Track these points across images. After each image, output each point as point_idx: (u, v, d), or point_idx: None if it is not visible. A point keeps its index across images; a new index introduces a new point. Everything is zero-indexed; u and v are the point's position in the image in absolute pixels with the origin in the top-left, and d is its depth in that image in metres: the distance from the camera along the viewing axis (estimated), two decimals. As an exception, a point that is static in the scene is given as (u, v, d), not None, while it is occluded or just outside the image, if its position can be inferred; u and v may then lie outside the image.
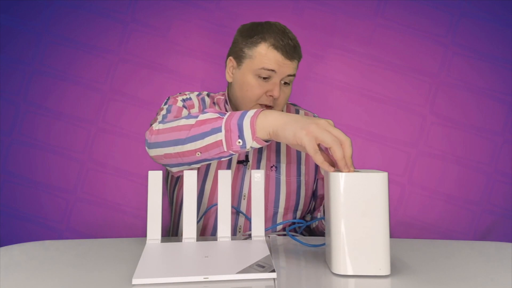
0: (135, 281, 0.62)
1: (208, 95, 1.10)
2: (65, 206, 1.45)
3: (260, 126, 0.73)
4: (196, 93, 1.09)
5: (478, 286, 0.62)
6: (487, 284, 0.63)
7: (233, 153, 0.77)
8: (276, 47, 0.95)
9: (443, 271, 0.68)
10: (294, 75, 0.99)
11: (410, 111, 1.50)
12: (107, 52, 1.49)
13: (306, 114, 1.13)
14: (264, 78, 0.96)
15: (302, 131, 0.67)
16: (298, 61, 1.00)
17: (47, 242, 0.87)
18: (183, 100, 1.03)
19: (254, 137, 0.74)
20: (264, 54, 0.95)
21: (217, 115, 0.78)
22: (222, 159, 0.81)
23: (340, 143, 0.67)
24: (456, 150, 1.48)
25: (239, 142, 0.74)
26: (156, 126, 0.85)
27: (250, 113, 0.75)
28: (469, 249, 0.82)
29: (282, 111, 1.13)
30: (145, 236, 0.81)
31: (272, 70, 0.95)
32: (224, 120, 0.76)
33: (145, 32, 1.50)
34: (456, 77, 1.50)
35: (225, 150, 0.76)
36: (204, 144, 0.77)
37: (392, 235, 0.76)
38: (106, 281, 0.65)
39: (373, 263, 0.64)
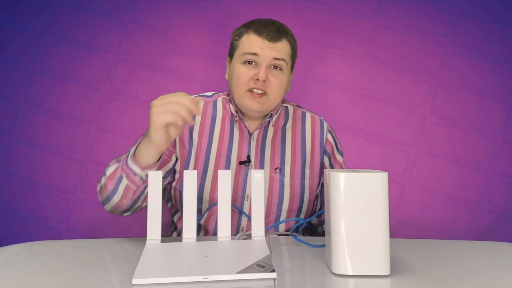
0: (135, 281, 0.62)
1: (220, 99, 1.11)
2: (65, 206, 1.45)
3: (139, 155, 0.85)
4: (210, 94, 1.11)
5: (478, 286, 0.62)
6: (487, 284, 0.63)
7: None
8: (258, 32, 0.99)
9: (443, 271, 0.68)
10: (283, 59, 0.99)
11: (410, 111, 1.50)
12: (107, 52, 1.49)
13: (312, 117, 1.12)
14: (250, 63, 0.99)
15: (152, 117, 0.78)
16: (289, 46, 1.02)
17: (47, 242, 0.87)
18: None
19: (142, 168, 0.85)
20: (247, 40, 0.99)
21: (116, 165, 0.90)
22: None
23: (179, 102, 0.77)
24: (456, 150, 1.48)
25: (138, 178, 0.86)
26: (100, 181, 0.94)
27: (132, 149, 0.88)
28: (469, 249, 0.82)
29: (286, 105, 1.13)
30: (145, 236, 0.81)
31: (255, 54, 0.97)
32: (120, 168, 0.87)
33: (145, 32, 1.50)
34: (456, 77, 1.50)
35: (135, 187, 0.87)
36: (122, 192, 0.88)
37: (392, 235, 0.76)
38: (106, 281, 0.65)
39: (373, 263, 0.64)
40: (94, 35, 1.49)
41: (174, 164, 1.06)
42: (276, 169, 1.04)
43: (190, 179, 0.83)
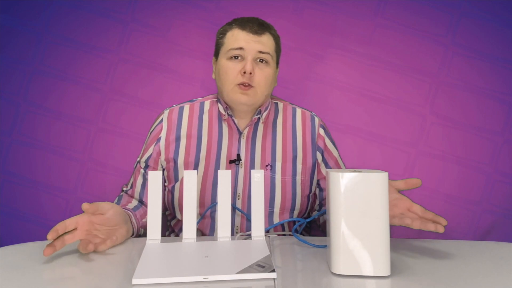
0: (135, 281, 0.62)
1: (203, 103, 1.10)
2: (65, 206, 1.45)
3: None
4: (188, 104, 1.10)
5: (478, 286, 0.62)
6: (487, 284, 0.63)
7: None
8: (241, 26, 1.00)
9: (443, 271, 0.68)
10: (268, 53, 1.00)
11: (410, 111, 1.50)
12: (107, 52, 1.49)
13: (303, 113, 1.12)
14: (236, 58, 1.00)
15: None
16: (273, 40, 1.03)
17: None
18: (148, 150, 1.08)
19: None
20: (231, 36, 1.01)
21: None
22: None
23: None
24: (456, 150, 1.48)
25: None
26: None
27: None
28: (469, 249, 0.82)
29: (276, 102, 1.12)
30: (145, 236, 0.81)
31: (240, 48, 0.99)
32: None
33: (145, 32, 1.50)
34: (456, 77, 1.50)
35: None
36: None
37: (392, 235, 0.76)
38: (106, 281, 0.65)
39: (373, 263, 0.64)
40: (94, 35, 1.49)
41: (163, 172, 1.08)
42: (267, 166, 1.04)
43: (190, 179, 0.83)
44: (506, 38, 1.49)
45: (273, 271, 0.64)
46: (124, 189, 1.10)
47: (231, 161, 1.03)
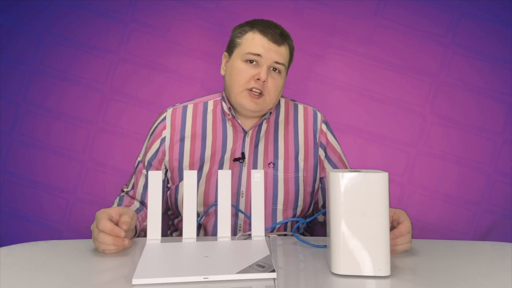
0: (135, 281, 0.62)
1: (206, 103, 1.10)
2: (65, 206, 1.45)
3: None
4: (191, 104, 1.09)
5: (478, 286, 0.62)
6: (487, 284, 0.63)
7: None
8: (262, 32, 0.99)
9: (443, 271, 0.68)
10: (283, 64, 1.00)
11: (410, 111, 1.50)
12: (107, 52, 1.49)
13: (305, 109, 1.12)
14: (251, 62, 0.99)
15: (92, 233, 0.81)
16: (289, 51, 1.03)
17: (47, 242, 0.87)
18: (149, 150, 1.08)
19: None
20: (251, 39, 1.00)
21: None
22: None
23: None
24: (456, 150, 1.48)
25: None
26: None
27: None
28: (469, 249, 0.82)
29: (279, 104, 1.13)
30: (145, 236, 0.81)
31: (258, 55, 0.98)
32: None
33: (145, 32, 1.50)
34: (456, 77, 1.50)
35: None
36: None
37: (392, 235, 0.76)
38: (106, 281, 0.65)
39: (373, 264, 0.64)
40: (94, 35, 1.49)
41: (166, 173, 1.07)
42: (269, 163, 1.04)
43: (190, 179, 0.83)
44: (506, 38, 1.49)
45: (273, 271, 0.64)
46: (125, 189, 1.09)
47: (235, 159, 1.03)
